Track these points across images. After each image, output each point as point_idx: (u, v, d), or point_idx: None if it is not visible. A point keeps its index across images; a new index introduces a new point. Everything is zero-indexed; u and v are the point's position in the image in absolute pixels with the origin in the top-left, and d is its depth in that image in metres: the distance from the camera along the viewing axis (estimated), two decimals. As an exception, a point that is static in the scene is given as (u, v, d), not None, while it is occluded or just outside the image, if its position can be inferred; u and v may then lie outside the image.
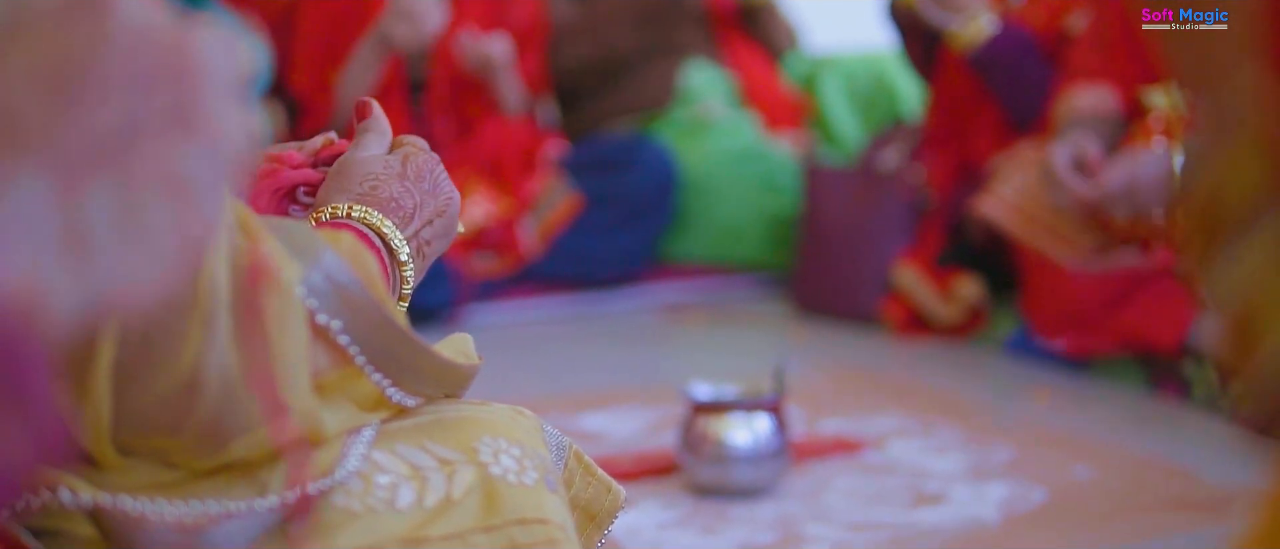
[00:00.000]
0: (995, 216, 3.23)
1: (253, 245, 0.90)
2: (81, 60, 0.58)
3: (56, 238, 0.56)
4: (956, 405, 2.90)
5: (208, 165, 0.61)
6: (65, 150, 0.57)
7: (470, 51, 3.79)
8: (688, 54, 4.31)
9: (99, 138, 0.58)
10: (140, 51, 0.60)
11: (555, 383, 3.12)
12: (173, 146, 0.59)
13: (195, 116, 0.60)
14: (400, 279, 1.13)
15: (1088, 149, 2.93)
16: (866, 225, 3.68)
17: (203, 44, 0.61)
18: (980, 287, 3.43)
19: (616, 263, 3.94)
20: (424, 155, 1.19)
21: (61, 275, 0.56)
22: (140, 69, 0.60)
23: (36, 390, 0.57)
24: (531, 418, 1.14)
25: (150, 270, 0.59)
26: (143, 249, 0.59)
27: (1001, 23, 3.46)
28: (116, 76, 0.59)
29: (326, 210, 1.12)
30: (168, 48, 0.60)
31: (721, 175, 4.07)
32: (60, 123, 0.57)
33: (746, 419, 2.39)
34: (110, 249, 0.58)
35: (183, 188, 0.60)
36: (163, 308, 0.83)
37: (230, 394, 0.89)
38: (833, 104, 4.42)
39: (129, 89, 0.59)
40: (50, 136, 0.57)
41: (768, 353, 2.41)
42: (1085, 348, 3.08)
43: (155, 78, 0.60)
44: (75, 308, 0.57)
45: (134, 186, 0.59)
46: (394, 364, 1.03)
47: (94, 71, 0.58)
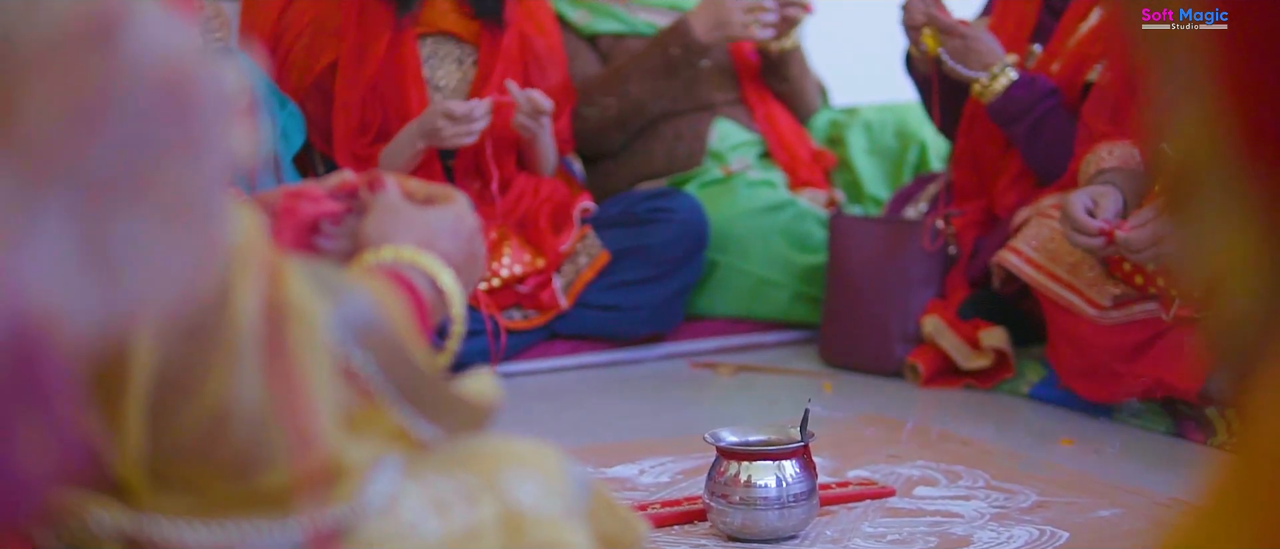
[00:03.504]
0: (1018, 269, 3.25)
1: (281, 284, 0.93)
2: (98, 91, 0.61)
3: (78, 260, 0.60)
4: (982, 451, 2.91)
5: (217, 188, 0.64)
6: (84, 177, 0.60)
7: (522, 100, 3.80)
8: (715, 110, 4.33)
9: (116, 165, 0.61)
10: (153, 82, 0.63)
11: (585, 434, 3.14)
12: (185, 171, 0.63)
13: (205, 143, 0.63)
14: (451, 323, 1.17)
15: (1108, 202, 2.95)
16: (893, 277, 3.69)
17: (211, 73, 0.64)
18: (1006, 335, 3.44)
19: (645, 318, 3.95)
20: (471, 217, 1.24)
21: (83, 295, 0.59)
22: (153, 99, 0.63)
23: (57, 404, 0.59)
24: (554, 451, 1.17)
25: (167, 289, 0.62)
26: (160, 269, 0.62)
27: (1023, 74, 3.48)
28: (131, 107, 0.62)
29: (387, 250, 1.16)
30: (178, 78, 0.64)
31: (750, 231, 4.07)
32: (80, 151, 0.60)
33: (774, 464, 2.40)
34: (129, 269, 0.61)
35: (195, 210, 0.63)
36: (190, 340, 0.86)
37: (258, 426, 0.92)
38: (858, 156, 4.43)
39: (143, 118, 0.62)
40: (70, 164, 0.60)
41: (795, 405, 2.42)
42: (1108, 394, 3.10)
43: (167, 107, 0.63)
44: (97, 326, 0.60)
45: (150, 210, 0.62)
46: (417, 400, 1.05)
47: (110, 102, 0.61)
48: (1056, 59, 3.54)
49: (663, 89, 4.19)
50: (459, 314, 1.22)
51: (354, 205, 1.28)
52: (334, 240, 1.26)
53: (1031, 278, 3.22)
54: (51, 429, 0.59)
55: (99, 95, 0.60)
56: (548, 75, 4.07)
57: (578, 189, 4.13)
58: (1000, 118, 3.50)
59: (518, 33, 4.03)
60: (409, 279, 1.18)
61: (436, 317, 1.22)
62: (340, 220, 1.27)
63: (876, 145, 4.47)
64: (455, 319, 1.22)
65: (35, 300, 0.58)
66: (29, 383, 0.58)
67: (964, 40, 3.51)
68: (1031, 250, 3.24)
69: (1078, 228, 2.94)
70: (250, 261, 0.89)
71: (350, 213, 1.28)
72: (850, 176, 4.44)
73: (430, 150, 3.81)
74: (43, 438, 0.59)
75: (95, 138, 0.60)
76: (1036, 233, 3.26)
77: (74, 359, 0.60)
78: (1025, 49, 3.61)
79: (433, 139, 3.74)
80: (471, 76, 3.98)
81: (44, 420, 0.59)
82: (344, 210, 1.26)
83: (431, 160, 3.85)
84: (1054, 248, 3.19)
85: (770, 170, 4.29)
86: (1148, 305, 3.03)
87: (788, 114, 4.45)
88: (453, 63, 3.99)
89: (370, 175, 1.30)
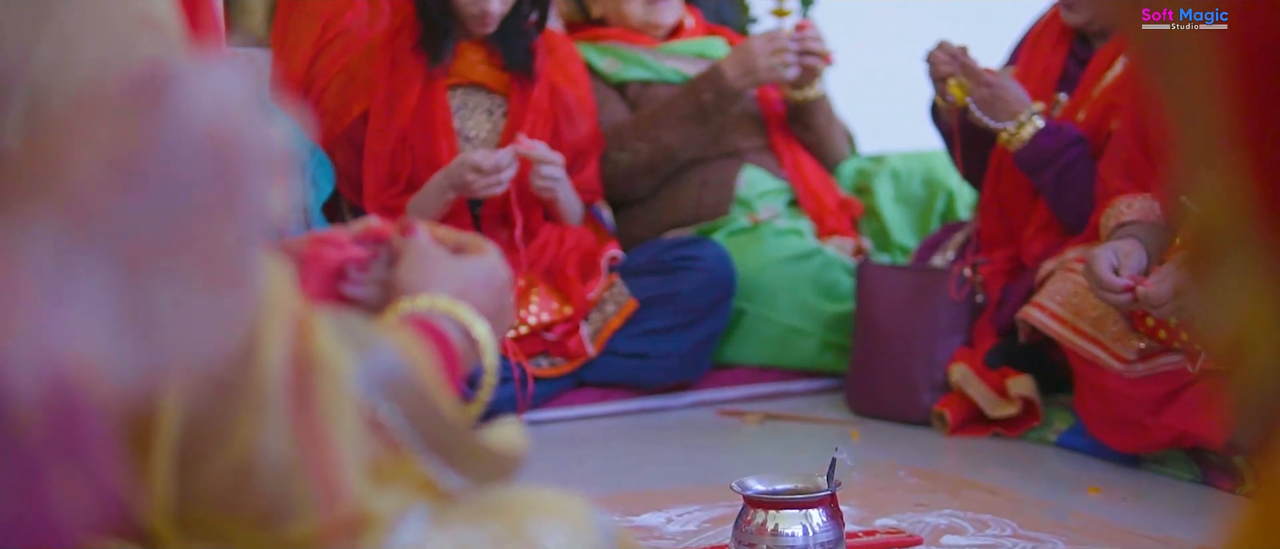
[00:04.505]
0: (1043, 325, 3.25)
1: (308, 335, 0.94)
2: (144, 151, 0.62)
3: (116, 317, 0.61)
4: (1010, 500, 2.91)
5: (254, 247, 0.65)
6: (125, 235, 0.61)
7: (537, 158, 3.82)
8: (743, 157, 4.34)
9: (157, 224, 0.62)
10: (198, 144, 0.64)
11: (612, 483, 3.14)
12: (224, 231, 0.64)
13: (245, 205, 0.64)
14: (482, 374, 1.18)
15: (1132, 260, 2.96)
16: (920, 325, 3.69)
17: (257, 134, 0.65)
18: (1033, 383, 3.43)
19: (673, 366, 3.95)
20: (504, 269, 1.25)
21: (120, 351, 0.61)
22: (198, 162, 0.64)
23: (93, 456, 0.60)
24: (580, 500, 1.17)
25: (201, 347, 0.63)
26: (194, 327, 0.63)
27: (1049, 122, 3.49)
28: (176, 168, 0.63)
29: (423, 299, 1.17)
30: (224, 141, 0.65)
31: (777, 279, 4.08)
32: (122, 210, 0.61)
33: (801, 513, 2.40)
34: (165, 327, 0.62)
35: (232, 270, 0.64)
36: (218, 391, 0.87)
37: (285, 478, 0.92)
38: (885, 204, 4.44)
39: (186, 180, 0.63)
40: (112, 223, 0.61)
41: (822, 453, 2.42)
42: (1136, 446, 3.10)
43: (211, 170, 0.64)
44: (132, 381, 0.61)
45: (187, 269, 0.63)
46: (444, 451, 1.06)
47: (155, 163, 0.62)
48: (1082, 108, 3.54)
49: (694, 135, 4.21)
50: (491, 364, 1.23)
51: (381, 252, 1.29)
52: (360, 287, 1.27)
53: (1057, 333, 3.22)
54: (87, 480, 0.60)
55: (144, 155, 0.61)
56: (577, 126, 4.09)
57: (606, 236, 4.14)
58: (1026, 166, 3.51)
59: (548, 84, 4.04)
60: (441, 329, 1.19)
61: (468, 367, 1.23)
62: (366, 267, 1.28)
63: (904, 193, 4.48)
64: (487, 369, 1.23)
65: (74, 355, 0.59)
66: (67, 435, 0.60)
67: (990, 89, 3.51)
68: (1056, 305, 3.24)
69: (1104, 287, 2.94)
70: (278, 312, 0.90)
71: (376, 259, 1.29)
72: (878, 224, 4.44)
73: (458, 199, 3.83)
74: (78, 488, 0.60)
75: (138, 197, 0.61)
76: (1060, 288, 3.26)
77: (110, 412, 0.61)
78: (1051, 98, 3.62)
79: (462, 191, 3.77)
80: (502, 127, 4.00)
81: (80, 471, 0.60)
82: (370, 257, 1.27)
83: (459, 209, 3.87)
84: (1078, 303, 3.19)
85: (798, 219, 4.29)
86: (1173, 358, 3.03)
87: (814, 162, 4.46)
88: (483, 113, 4.01)
89: (402, 222, 1.31)
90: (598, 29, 4.46)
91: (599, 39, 4.41)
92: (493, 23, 3.90)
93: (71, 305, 0.59)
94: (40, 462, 0.61)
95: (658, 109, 4.22)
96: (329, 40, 4.12)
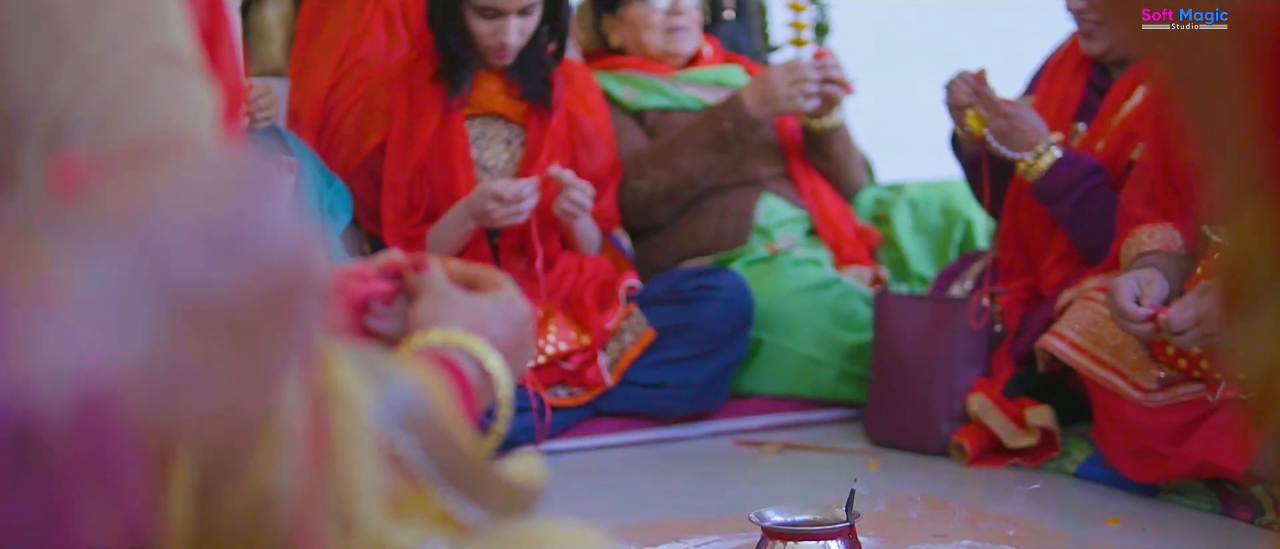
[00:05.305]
0: (1062, 354, 3.24)
1: (326, 369, 0.94)
2: (241, 231, 0.63)
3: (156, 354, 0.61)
4: (1028, 531, 2.90)
5: (310, 339, 0.66)
6: (194, 291, 0.62)
7: (566, 181, 3.82)
8: (762, 185, 4.34)
9: (226, 294, 0.63)
10: (283, 248, 0.65)
11: (630, 513, 3.14)
12: (276, 332, 0.65)
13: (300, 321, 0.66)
14: (499, 407, 1.18)
15: (1154, 290, 2.95)
16: (939, 355, 3.68)
17: (317, 275, 0.67)
18: (1052, 413, 3.42)
19: (690, 396, 3.95)
20: (522, 303, 1.25)
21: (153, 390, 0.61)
22: (280, 260, 0.65)
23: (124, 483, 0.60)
24: (599, 533, 1.17)
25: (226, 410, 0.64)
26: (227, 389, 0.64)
27: (1067, 152, 3.48)
28: (262, 255, 0.64)
29: (436, 333, 1.17)
30: (288, 291, 0.66)
31: (795, 309, 4.07)
32: (200, 269, 0.62)
33: (819, 545, 2.40)
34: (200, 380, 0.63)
35: (292, 348, 0.65)
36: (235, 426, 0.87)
37: (302, 512, 0.92)
38: (903, 234, 4.44)
39: (267, 270, 0.64)
40: (186, 275, 0.62)
41: (841, 484, 2.42)
42: (1156, 475, 3.08)
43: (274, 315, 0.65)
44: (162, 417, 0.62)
45: (237, 342, 0.64)
46: (462, 484, 1.06)
47: (247, 243, 0.63)
48: (1101, 138, 3.54)
49: (713, 163, 4.21)
50: (505, 397, 1.23)
51: (402, 286, 1.29)
52: (385, 321, 1.28)
53: (1076, 362, 3.21)
54: (113, 508, 0.60)
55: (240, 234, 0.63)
56: (595, 155, 4.09)
57: (624, 265, 4.14)
58: (1045, 196, 3.50)
59: (566, 113, 4.05)
60: (455, 362, 1.19)
61: (483, 400, 1.23)
62: (391, 300, 1.28)
63: (922, 223, 4.47)
64: (502, 402, 1.22)
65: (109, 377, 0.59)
66: (95, 460, 0.60)
67: (1008, 120, 3.51)
68: (1075, 334, 3.23)
69: (1126, 317, 2.94)
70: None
71: (400, 293, 1.29)
72: (896, 254, 4.44)
73: (477, 228, 3.83)
74: (103, 516, 0.60)
75: (220, 267, 0.62)
76: (1080, 317, 3.25)
77: (139, 441, 0.61)
78: (1070, 128, 3.62)
79: (483, 220, 3.77)
80: (519, 157, 4.01)
81: (106, 499, 0.60)
82: (394, 290, 1.28)
83: (478, 239, 3.88)
84: (1098, 331, 3.18)
85: (816, 248, 4.29)
86: (1193, 387, 3.02)
87: (833, 191, 4.46)
88: (500, 143, 4.02)
89: (415, 258, 1.31)
90: (616, 58, 4.46)
91: (617, 67, 4.42)
92: (510, 55, 3.91)
93: (114, 332, 0.60)
94: (66, 485, 0.61)
95: (677, 137, 4.23)
96: (347, 69, 4.13)
